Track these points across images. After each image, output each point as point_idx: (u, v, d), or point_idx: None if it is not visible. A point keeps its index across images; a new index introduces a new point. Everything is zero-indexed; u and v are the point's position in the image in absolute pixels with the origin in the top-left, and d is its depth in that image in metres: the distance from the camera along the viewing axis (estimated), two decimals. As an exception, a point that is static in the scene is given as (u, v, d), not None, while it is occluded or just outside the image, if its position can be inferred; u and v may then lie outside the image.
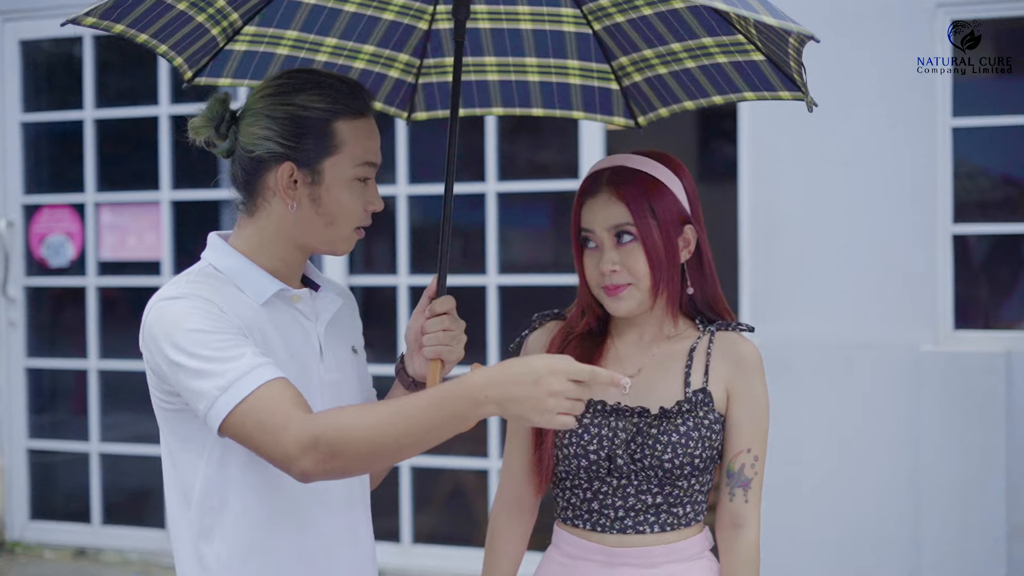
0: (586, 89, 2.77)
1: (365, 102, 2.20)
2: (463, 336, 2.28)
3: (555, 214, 6.32)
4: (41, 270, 6.63)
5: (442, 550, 5.94)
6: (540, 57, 2.73)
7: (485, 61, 2.78)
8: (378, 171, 2.25)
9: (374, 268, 6.11)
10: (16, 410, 6.59)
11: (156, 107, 6.30)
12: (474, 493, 6.05)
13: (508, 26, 2.69)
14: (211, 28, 2.51)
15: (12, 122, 6.57)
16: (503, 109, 2.86)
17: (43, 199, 6.60)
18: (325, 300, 2.29)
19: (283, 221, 2.18)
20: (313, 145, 2.13)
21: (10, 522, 6.59)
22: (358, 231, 2.22)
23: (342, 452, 1.92)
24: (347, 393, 2.29)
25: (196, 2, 2.39)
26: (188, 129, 2.25)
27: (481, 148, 5.77)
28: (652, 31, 2.53)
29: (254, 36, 2.63)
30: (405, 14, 2.69)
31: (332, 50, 2.72)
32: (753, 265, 5.35)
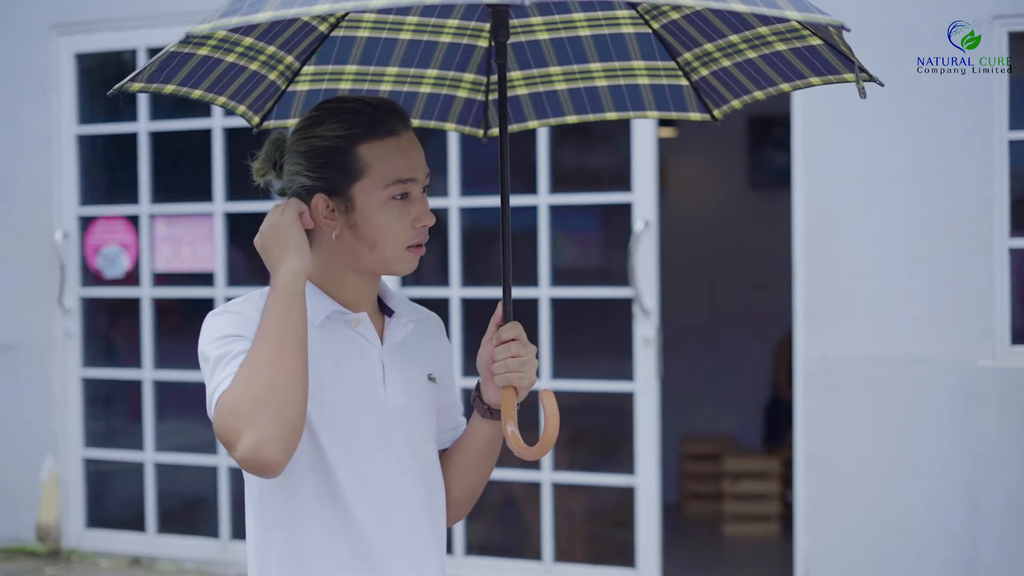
0: (656, 88, 2.75)
1: (391, 122, 2.22)
2: (534, 361, 2.26)
3: (604, 219, 6.31)
4: (96, 281, 6.69)
5: (494, 561, 5.94)
6: (604, 61, 2.73)
7: (551, 72, 2.78)
8: (425, 185, 2.26)
9: (425, 280, 6.12)
10: (72, 419, 6.65)
11: (209, 119, 6.34)
12: (526, 504, 6.04)
13: (567, 35, 2.70)
14: (267, 74, 2.56)
15: (68, 134, 6.63)
16: (576, 117, 2.85)
17: (98, 210, 6.66)
18: (395, 325, 2.31)
19: (332, 250, 2.24)
20: (338, 173, 2.20)
21: (66, 530, 6.65)
22: (412, 249, 2.24)
23: (241, 415, 1.98)
24: (417, 421, 2.31)
25: (246, 52, 2.43)
26: (253, 172, 2.33)
27: (532, 158, 5.77)
28: (708, 25, 2.51)
29: (314, 75, 2.68)
30: (462, 35, 2.71)
31: (395, 78, 2.75)
32: (807, 277, 5.32)
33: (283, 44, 2.52)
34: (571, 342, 5.90)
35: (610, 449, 6.23)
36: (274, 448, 1.98)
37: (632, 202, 5.65)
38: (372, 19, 2.63)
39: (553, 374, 5.79)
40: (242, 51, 2.42)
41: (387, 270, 2.26)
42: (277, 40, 2.50)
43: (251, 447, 1.97)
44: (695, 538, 7.35)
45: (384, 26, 2.66)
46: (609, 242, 6.18)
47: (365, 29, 2.65)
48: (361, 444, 2.22)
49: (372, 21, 2.63)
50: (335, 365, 2.21)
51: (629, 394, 5.68)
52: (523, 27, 2.70)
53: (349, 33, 2.64)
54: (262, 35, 2.44)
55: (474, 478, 2.44)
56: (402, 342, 2.32)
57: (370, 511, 2.22)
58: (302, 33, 2.55)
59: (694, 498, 7.97)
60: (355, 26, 2.64)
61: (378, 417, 2.24)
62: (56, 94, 6.62)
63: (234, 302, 2.23)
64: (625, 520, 5.78)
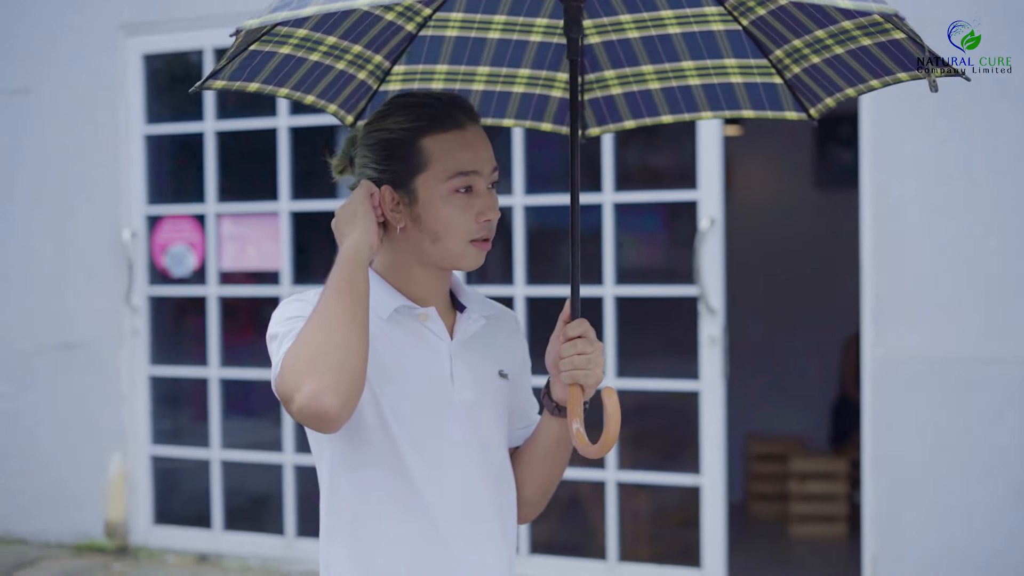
0: (750, 87, 2.70)
1: (455, 115, 2.24)
2: (600, 359, 2.25)
3: (670, 218, 6.27)
4: (163, 280, 6.74)
5: (559, 560, 5.93)
6: (696, 60, 2.69)
7: (643, 71, 2.75)
8: (493, 180, 2.26)
9: (490, 278, 6.11)
10: (139, 417, 6.70)
11: (275, 119, 6.37)
12: (591, 503, 6.02)
13: (657, 32, 2.66)
14: (356, 73, 2.57)
15: (136, 134, 6.69)
16: (672, 116, 2.81)
17: (165, 210, 6.71)
18: (466, 321, 2.33)
19: (399, 243, 2.27)
20: (402, 165, 2.22)
21: (134, 527, 6.71)
22: (476, 243, 2.25)
23: (300, 368, 2.01)
24: (485, 416, 2.31)
25: (330, 52, 2.45)
26: (331, 168, 2.38)
27: (597, 156, 5.75)
28: (794, 20, 2.46)
29: (406, 74, 2.69)
30: (552, 34, 2.69)
31: (487, 78, 2.75)
32: (875, 276, 5.26)
33: (369, 43, 2.54)
34: (636, 341, 5.87)
35: (675, 448, 6.20)
36: (331, 397, 1.99)
37: (698, 200, 5.61)
38: (460, 18, 2.64)
39: (618, 373, 5.76)
40: (326, 50, 2.44)
41: (452, 264, 2.26)
42: (362, 39, 2.51)
43: (307, 396, 1.99)
44: (761, 539, 7.29)
45: (472, 25, 2.66)
46: (674, 240, 6.14)
47: (453, 28, 2.66)
48: (429, 436, 2.24)
49: (460, 21, 2.65)
50: (403, 359, 2.23)
51: (694, 393, 5.64)
52: (613, 25, 2.67)
53: (438, 33, 2.66)
54: (345, 34, 2.45)
55: (544, 477, 2.44)
56: (472, 338, 2.33)
57: (439, 500, 2.23)
58: (388, 32, 2.56)
59: (760, 498, 7.91)
60: (443, 25, 2.65)
61: (445, 411, 2.25)
62: (124, 94, 6.68)
63: (307, 292, 2.26)
64: (690, 520, 5.74)
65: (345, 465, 2.24)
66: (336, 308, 2.06)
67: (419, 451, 2.23)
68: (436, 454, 2.24)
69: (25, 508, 6.95)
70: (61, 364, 6.86)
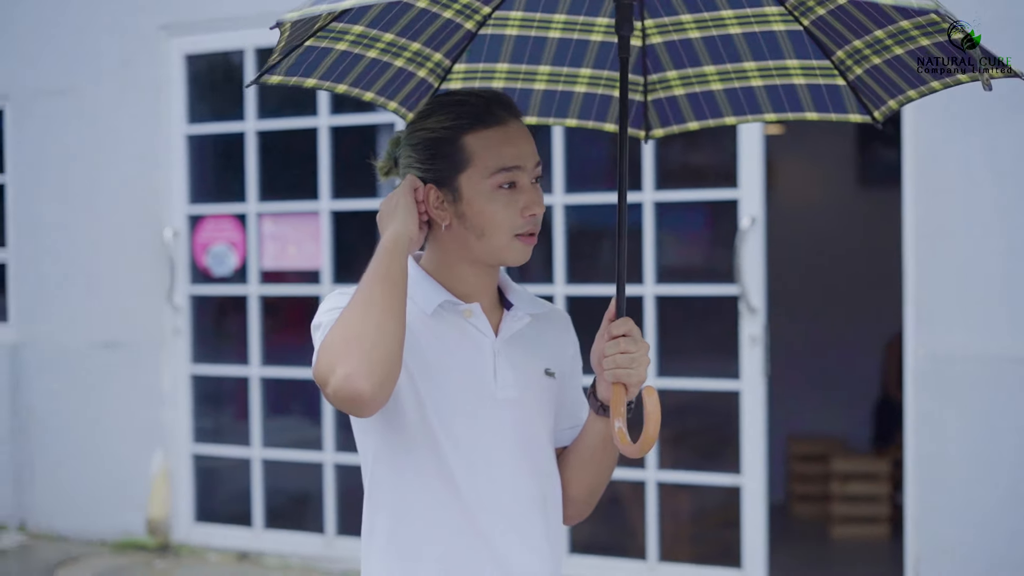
0: (813, 88, 2.65)
1: (497, 112, 2.25)
2: (645, 358, 2.23)
3: (710, 216, 6.25)
4: (205, 279, 6.77)
5: (599, 560, 5.91)
6: (758, 60, 2.65)
7: (705, 71, 2.72)
8: (536, 176, 2.27)
9: (531, 277, 6.10)
10: (181, 415, 6.74)
11: (316, 118, 6.39)
12: (631, 503, 6.00)
13: (718, 33, 2.63)
14: (416, 71, 2.59)
15: (178, 134, 6.72)
16: (735, 118, 2.78)
17: (207, 209, 6.74)
18: (512, 318, 2.33)
19: (445, 241, 2.28)
20: (445, 164, 2.24)
21: (176, 525, 6.74)
22: (521, 238, 2.25)
23: (336, 351, 2.03)
24: (528, 413, 2.31)
25: (387, 49, 2.46)
26: (377, 170, 2.39)
27: (638, 155, 5.73)
28: (854, 20, 2.42)
29: (466, 72, 2.70)
30: (613, 33, 2.66)
31: (548, 77, 2.74)
32: (918, 275, 5.21)
33: (427, 41, 2.55)
34: (677, 340, 5.85)
35: (716, 448, 6.16)
36: (364, 380, 2.01)
37: (739, 199, 5.59)
38: (519, 17, 2.64)
39: (659, 372, 5.74)
40: (383, 47, 2.46)
41: (498, 260, 2.27)
42: (420, 37, 2.52)
43: (341, 378, 2.01)
44: (802, 539, 7.25)
45: (532, 24, 2.66)
46: (715, 239, 6.11)
47: (513, 27, 2.66)
48: (470, 433, 2.24)
49: (519, 19, 2.65)
50: (446, 354, 2.24)
51: (735, 393, 5.61)
52: (674, 25, 2.65)
53: (497, 31, 2.66)
54: (402, 31, 2.46)
55: (591, 477, 2.42)
56: (518, 335, 2.33)
57: (477, 496, 2.24)
58: (447, 30, 2.57)
59: (802, 499, 7.87)
60: (503, 24, 2.65)
61: (487, 407, 2.26)
62: (166, 94, 6.72)
63: (353, 287, 2.26)
64: (731, 520, 5.71)
65: (387, 459, 2.26)
66: (373, 294, 2.09)
67: (459, 446, 2.24)
68: (476, 450, 2.25)
69: (68, 505, 7.00)
70: (104, 363, 6.90)
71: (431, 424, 2.22)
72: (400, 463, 2.24)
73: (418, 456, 2.23)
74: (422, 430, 2.22)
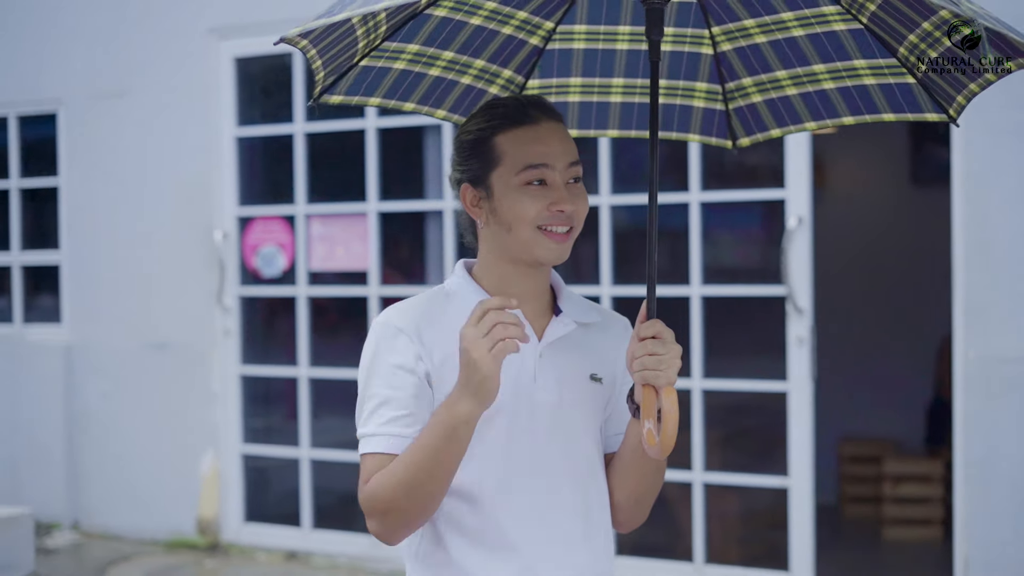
0: (885, 88, 2.58)
1: (530, 112, 2.29)
2: (675, 361, 2.20)
3: (757, 217, 6.21)
4: (254, 280, 6.82)
5: (645, 562, 5.89)
6: (826, 63, 2.59)
7: (778, 76, 2.67)
8: (575, 175, 2.29)
9: (579, 278, 6.09)
10: (231, 415, 6.79)
11: (363, 120, 6.42)
12: (678, 505, 5.98)
13: (782, 36, 2.59)
14: (487, 87, 2.66)
15: (228, 136, 6.78)
16: (815, 123, 2.71)
17: (256, 211, 6.79)
18: (557, 324, 2.35)
19: (485, 240, 2.34)
20: (479, 163, 2.29)
21: (225, 524, 6.79)
22: (547, 233, 2.26)
23: (383, 500, 2.18)
24: (568, 417, 2.32)
25: (450, 66, 2.54)
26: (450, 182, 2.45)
27: (684, 155, 5.71)
28: (903, 15, 2.36)
29: (541, 88, 2.74)
30: (682, 42, 2.68)
31: (623, 89, 2.74)
32: (967, 277, 5.16)
33: (491, 58, 2.60)
34: (723, 341, 5.82)
35: (763, 450, 6.13)
36: (398, 538, 2.25)
37: (785, 199, 5.55)
38: (584, 31, 2.67)
39: (705, 373, 5.71)
40: (444, 65, 2.53)
41: (528, 255, 2.28)
42: (482, 54, 2.57)
43: (377, 532, 2.24)
44: (853, 541, 7.19)
45: (598, 37, 2.68)
46: (762, 239, 6.08)
47: (579, 41, 2.68)
48: (506, 435, 2.27)
49: (584, 33, 2.67)
50: None
51: (782, 394, 5.58)
52: (739, 31, 2.63)
53: (564, 46, 2.69)
54: (461, 49, 2.52)
55: (634, 482, 2.39)
56: (563, 339, 2.34)
57: (509, 495, 2.27)
58: (511, 47, 2.61)
59: (854, 501, 7.80)
60: (568, 38, 2.68)
61: (525, 409, 2.28)
62: (216, 97, 6.77)
63: (400, 309, 2.33)
64: (778, 522, 5.68)
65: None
66: (432, 466, 2.16)
67: (495, 447, 2.26)
68: (512, 450, 2.27)
69: (120, 505, 7.08)
70: (155, 364, 6.97)
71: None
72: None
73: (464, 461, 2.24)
74: None
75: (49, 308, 7.48)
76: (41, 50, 7.34)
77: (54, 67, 7.30)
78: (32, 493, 7.21)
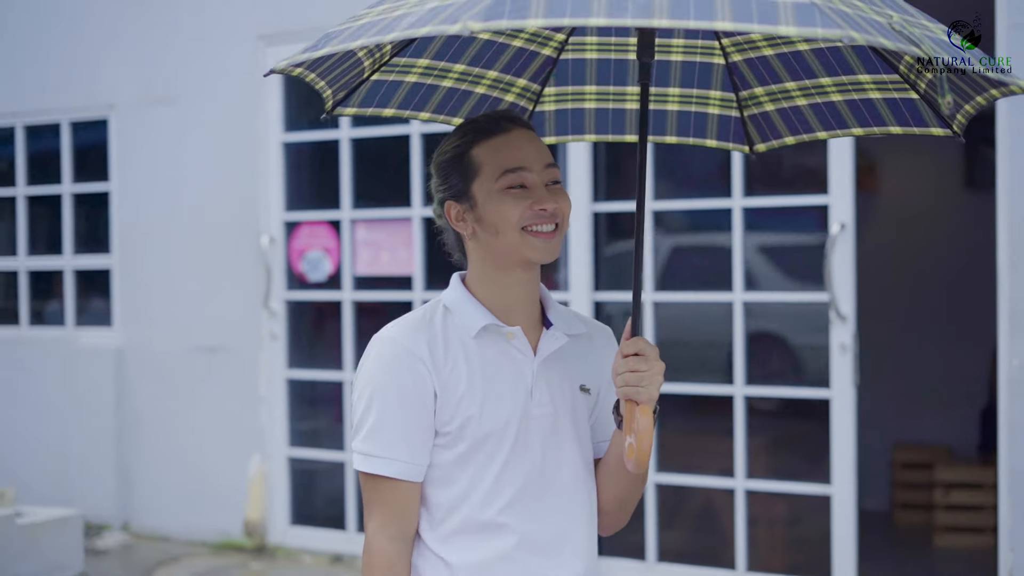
0: (890, 103, 2.63)
1: (501, 123, 2.35)
2: (656, 377, 2.25)
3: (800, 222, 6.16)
4: (300, 284, 6.87)
5: (687, 569, 5.87)
6: (832, 76, 2.64)
7: (788, 87, 2.72)
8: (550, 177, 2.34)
9: (622, 284, 6.08)
10: (277, 419, 6.84)
11: (408, 126, 6.44)
12: (719, 512, 5.95)
13: (788, 49, 2.64)
14: (503, 96, 2.75)
15: (274, 142, 6.83)
16: (826, 133, 2.77)
17: (302, 216, 6.84)
18: (549, 338, 2.40)
19: (474, 251, 2.39)
20: (459, 178, 2.35)
21: (272, 527, 6.84)
22: (532, 233, 2.31)
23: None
24: (561, 428, 2.39)
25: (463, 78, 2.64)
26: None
27: (726, 160, 5.67)
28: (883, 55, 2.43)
29: (557, 95, 2.82)
30: (693, 52, 2.75)
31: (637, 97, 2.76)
32: (1012, 282, 5.08)
33: (504, 68, 2.68)
34: (766, 348, 5.78)
35: (806, 457, 6.09)
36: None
37: (828, 204, 5.50)
38: (596, 42, 2.74)
39: (747, 380, 5.68)
40: (457, 76, 2.62)
41: (518, 257, 2.33)
42: (495, 65, 2.65)
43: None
44: (903, 549, 7.12)
45: (610, 48, 2.75)
46: (804, 246, 6.03)
47: (592, 51, 2.75)
48: (505, 451, 2.32)
49: (596, 44, 2.74)
50: (487, 380, 2.33)
51: (825, 401, 5.53)
52: (748, 43, 2.69)
53: (578, 56, 2.76)
54: (472, 61, 2.60)
55: (619, 489, 2.47)
56: (555, 353, 2.40)
57: (506, 517, 2.32)
58: (523, 58, 2.68)
59: (906, 508, 7.72)
60: (581, 49, 2.75)
61: (523, 425, 2.34)
62: (263, 103, 6.83)
63: (401, 326, 2.36)
64: (821, 530, 5.63)
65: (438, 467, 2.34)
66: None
67: (494, 463, 2.32)
68: (510, 466, 2.33)
69: (170, 506, 7.15)
70: (203, 367, 7.04)
71: (464, 450, 2.32)
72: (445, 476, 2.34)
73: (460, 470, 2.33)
74: (456, 459, 2.33)
75: (100, 311, 7.58)
76: (93, 57, 7.44)
77: (105, 74, 7.39)
78: (83, 494, 7.31)
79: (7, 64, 7.79)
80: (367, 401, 2.31)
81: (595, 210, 5.99)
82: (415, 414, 2.29)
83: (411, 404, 2.28)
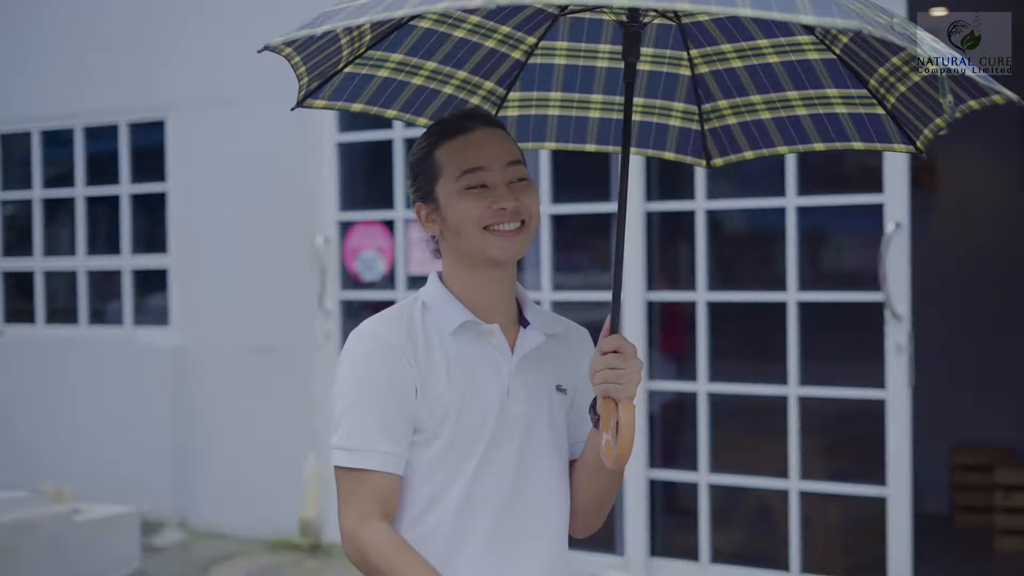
0: (855, 117, 2.64)
1: (465, 123, 2.37)
2: (635, 375, 2.27)
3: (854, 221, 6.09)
4: (354, 284, 6.89)
5: (740, 571, 5.83)
6: (799, 90, 2.65)
7: (753, 100, 2.73)
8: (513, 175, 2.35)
9: (677, 284, 6.05)
10: (331, 419, 6.84)
11: (461, 125, 6.43)
12: (772, 513, 5.90)
13: (758, 62, 2.65)
14: (468, 98, 2.75)
15: (329, 143, 6.86)
16: (787, 147, 2.78)
17: (356, 216, 6.86)
18: (527, 337, 2.42)
19: (446, 251, 2.41)
20: (425, 179, 2.37)
21: (327, 526, 6.87)
22: (493, 232, 2.32)
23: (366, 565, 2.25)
24: (537, 428, 2.41)
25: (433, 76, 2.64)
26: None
27: (780, 159, 5.62)
28: (873, 48, 2.41)
29: (521, 101, 2.82)
30: (661, 62, 2.75)
31: (602, 106, 2.82)
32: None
33: (474, 70, 2.68)
34: (820, 347, 5.73)
35: (861, 458, 6.02)
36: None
37: (883, 203, 5.44)
38: (565, 47, 2.74)
39: (801, 380, 5.63)
40: (427, 74, 2.61)
41: (483, 255, 2.35)
42: (465, 65, 2.65)
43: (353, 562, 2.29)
44: (962, 552, 7.04)
45: (579, 54, 2.74)
46: (859, 245, 5.97)
47: (561, 57, 2.75)
48: (482, 450, 2.34)
49: (566, 49, 2.74)
50: (465, 376, 2.34)
51: (880, 402, 5.47)
52: (716, 55, 2.69)
53: (546, 61, 2.76)
54: (444, 60, 2.60)
55: (595, 490, 2.48)
56: (532, 352, 2.42)
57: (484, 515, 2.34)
58: (493, 60, 2.69)
59: (966, 510, 7.63)
60: (550, 54, 2.74)
61: (500, 424, 2.36)
62: (318, 103, 6.84)
63: (378, 321, 2.40)
64: (876, 532, 5.57)
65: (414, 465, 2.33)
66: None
67: (471, 462, 2.33)
68: (487, 464, 2.34)
69: (226, 504, 7.21)
70: (259, 366, 7.09)
71: (441, 448, 2.32)
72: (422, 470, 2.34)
73: (438, 467, 2.33)
74: (436, 456, 2.33)
75: (158, 311, 7.65)
76: (150, 59, 7.51)
77: (163, 76, 7.47)
78: (140, 492, 7.38)
79: (67, 67, 7.88)
80: (349, 396, 2.32)
81: (648, 209, 5.96)
82: (396, 407, 2.28)
83: (393, 397, 2.28)
